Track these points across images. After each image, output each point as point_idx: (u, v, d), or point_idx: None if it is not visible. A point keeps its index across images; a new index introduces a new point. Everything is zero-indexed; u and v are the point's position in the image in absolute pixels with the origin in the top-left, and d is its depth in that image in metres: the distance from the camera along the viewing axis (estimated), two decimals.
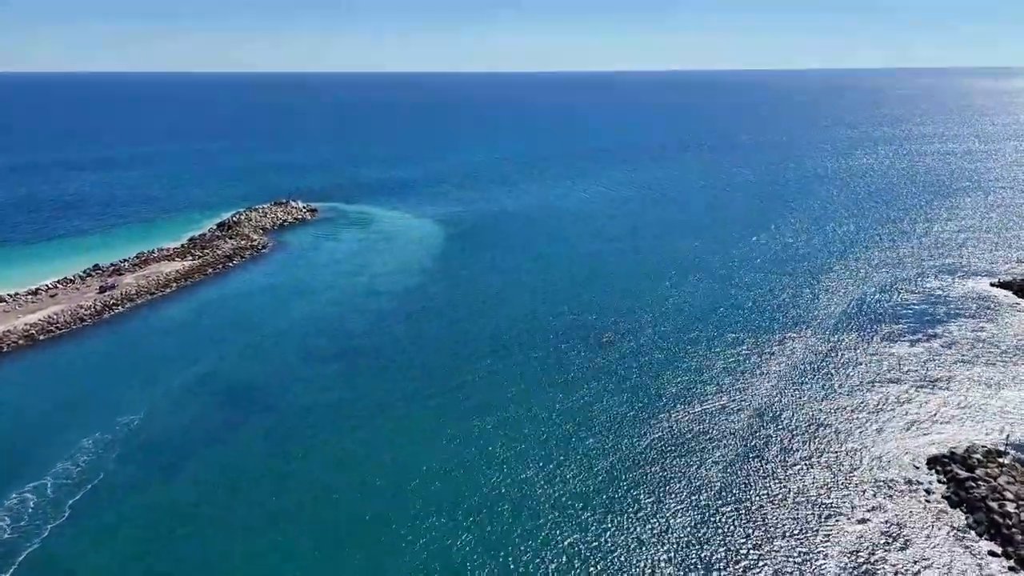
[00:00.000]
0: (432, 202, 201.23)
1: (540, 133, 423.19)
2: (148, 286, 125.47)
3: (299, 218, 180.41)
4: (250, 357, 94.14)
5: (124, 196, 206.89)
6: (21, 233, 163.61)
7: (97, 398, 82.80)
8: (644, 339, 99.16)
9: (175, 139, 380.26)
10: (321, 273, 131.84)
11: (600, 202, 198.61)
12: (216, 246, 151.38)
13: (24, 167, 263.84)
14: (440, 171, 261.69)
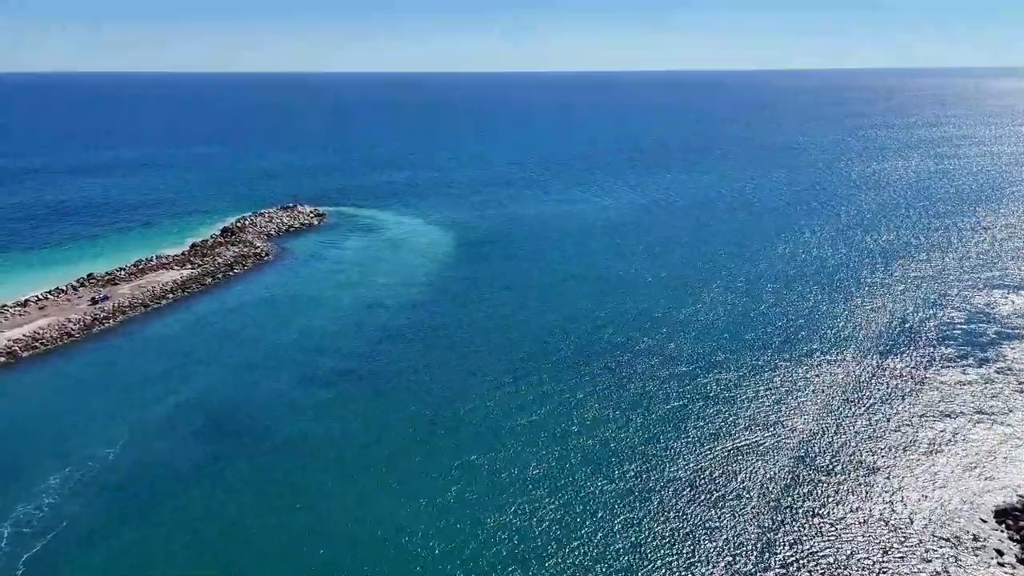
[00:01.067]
0: (442, 207, 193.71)
1: (550, 135, 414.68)
2: (142, 298, 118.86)
3: (306, 223, 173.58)
4: (241, 380, 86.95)
5: (126, 200, 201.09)
6: (19, 240, 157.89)
7: (72, 427, 75.89)
8: (665, 363, 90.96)
9: (181, 141, 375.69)
10: (323, 284, 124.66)
11: (617, 210, 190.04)
12: (217, 254, 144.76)
13: (23, 171, 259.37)
14: (451, 174, 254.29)
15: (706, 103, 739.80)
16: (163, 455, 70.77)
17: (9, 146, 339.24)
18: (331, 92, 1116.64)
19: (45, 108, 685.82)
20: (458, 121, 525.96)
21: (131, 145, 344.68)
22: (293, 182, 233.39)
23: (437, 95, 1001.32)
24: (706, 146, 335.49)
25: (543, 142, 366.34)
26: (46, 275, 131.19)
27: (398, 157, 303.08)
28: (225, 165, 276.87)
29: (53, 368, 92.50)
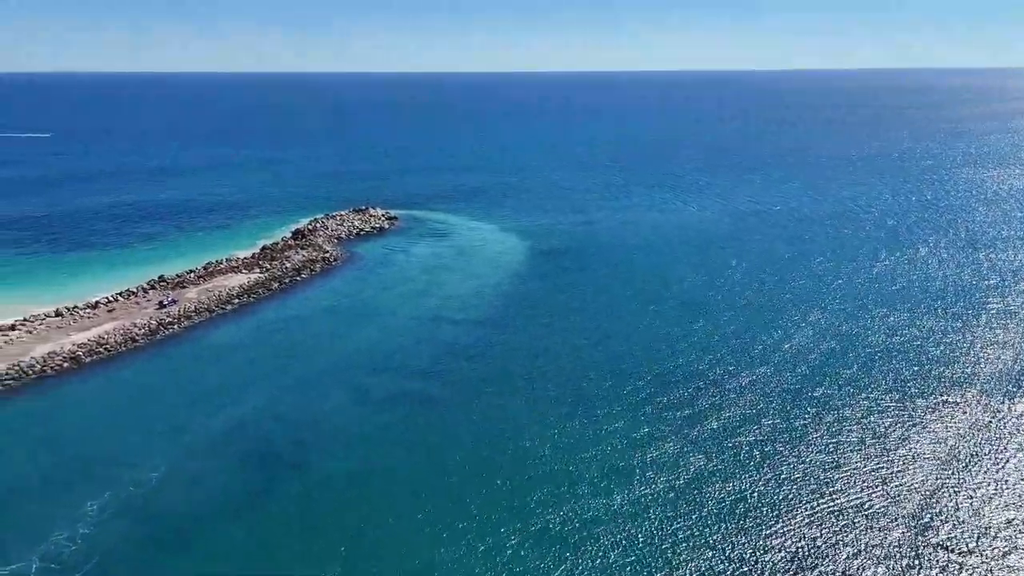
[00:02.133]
0: (516, 213, 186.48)
1: (621, 136, 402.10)
2: (208, 302, 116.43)
3: (377, 227, 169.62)
4: (296, 397, 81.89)
5: (204, 201, 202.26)
6: (101, 238, 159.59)
7: (121, 443, 72.25)
8: (756, 398, 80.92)
9: (256, 141, 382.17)
10: (387, 294, 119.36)
11: (703, 219, 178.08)
12: (286, 257, 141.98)
13: (103, 172, 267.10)
14: (525, 177, 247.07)
15: (763, 104, 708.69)
16: (207, 482, 66.02)
17: (85, 146, 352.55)
18: (398, 92, 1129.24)
19: (112, 108, 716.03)
20: (526, 122, 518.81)
21: (208, 145, 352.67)
22: (367, 184, 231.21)
23: (497, 95, 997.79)
24: (791, 150, 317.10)
25: (616, 143, 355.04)
26: (120, 275, 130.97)
27: (472, 159, 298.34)
28: (298, 166, 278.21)
29: (112, 376, 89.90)
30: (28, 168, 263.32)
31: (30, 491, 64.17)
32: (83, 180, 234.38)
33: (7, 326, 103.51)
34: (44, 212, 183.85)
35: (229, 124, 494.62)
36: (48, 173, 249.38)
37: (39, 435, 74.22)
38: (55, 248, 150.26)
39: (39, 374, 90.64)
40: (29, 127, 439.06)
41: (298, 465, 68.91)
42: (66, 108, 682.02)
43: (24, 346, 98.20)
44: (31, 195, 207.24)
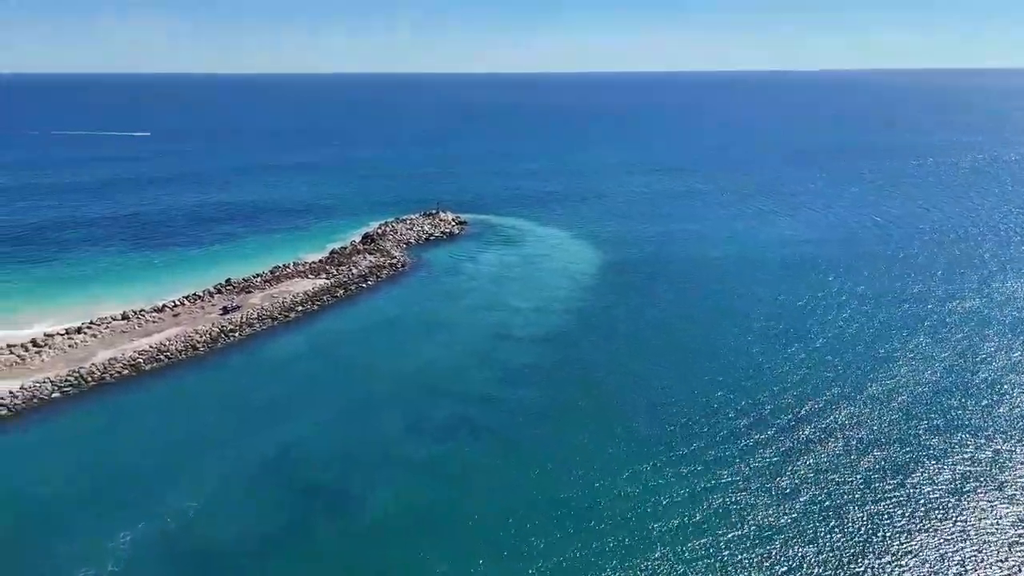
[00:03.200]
0: (591, 220, 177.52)
1: (700, 138, 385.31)
2: (272, 309, 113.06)
3: (446, 232, 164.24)
4: (347, 422, 76.28)
5: (283, 202, 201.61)
6: (179, 238, 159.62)
7: (163, 465, 68.20)
8: (855, 443, 70.37)
9: (330, 141, 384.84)
10: (452, 305, 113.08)
11: (806, 236, 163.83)
12: (354, 263, 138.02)
13: (197, 171, 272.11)
14: (601, 182, 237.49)
15: (846, 103, 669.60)
16: (247, 515, 60.92)
17: (182, 145, 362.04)
18: (478, 93, 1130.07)
19: (209, 109, 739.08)
20: (601, 124, 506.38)
21: (292, 146, 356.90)
22: (438, 186, 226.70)
23: (569, 96, 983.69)
24: (895, 151, 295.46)
25: (696, 146, 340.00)
26: (191, 276, 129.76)
27: (549, 161, 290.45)
28: (376, 167, 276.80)
29: (168, 386, 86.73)
30: (124, 166, 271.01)
31: (64, 517, 60.48)
32: (174, 179, 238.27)
33: (74, 328, 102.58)
34: (132, 211, 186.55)
35: (320, 125, 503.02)
36: (143, 172, 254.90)
37: (85, 451, 71.05)
38: (136, 247, 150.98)
39: (98, 381, 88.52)
40: (129, 126, 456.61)
41: (344, 499, 63.10)
42: (167, 108, 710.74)
43: (88, 350, 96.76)
44: (123, 193, 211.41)
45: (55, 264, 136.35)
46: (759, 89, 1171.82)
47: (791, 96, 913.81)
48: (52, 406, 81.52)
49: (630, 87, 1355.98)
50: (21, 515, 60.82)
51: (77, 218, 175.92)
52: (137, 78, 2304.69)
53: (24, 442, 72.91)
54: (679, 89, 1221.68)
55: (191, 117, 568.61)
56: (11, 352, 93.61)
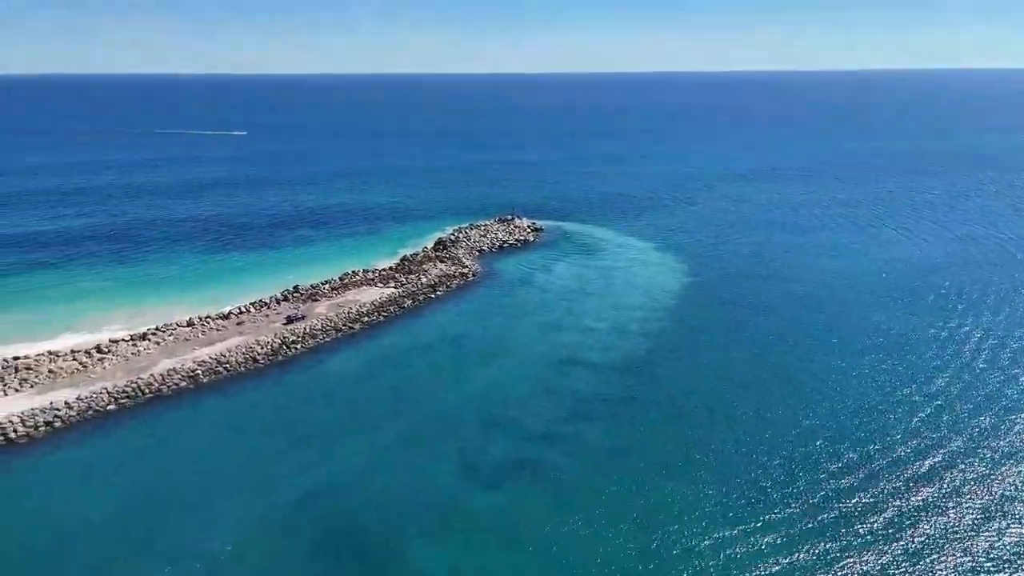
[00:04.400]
0: (677, 229, 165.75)
1: (791, 141, 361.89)
2: (336, 320, 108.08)
3: (521, 239, 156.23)
4: (395, 457, 69.24)
5: (362, 204, 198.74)
6: (255, 240, 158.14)
7: (199, 499, 62.97)
8: (1000, 518, 57.94)
9: (412, 142, 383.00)
10: (520, 322, 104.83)
11: (918, 253, 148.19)
12: (424, 271, 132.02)
13: (284, 172, 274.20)
14: (694, 187, 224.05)
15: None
16: (279, 566, 54.61)
17: (276, 145, 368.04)
18: (556, 93, 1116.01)
19: (303, 108, 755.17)
20: (678, 125, 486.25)
21: (379, 148, 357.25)
22: (515, 190, 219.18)
23: (653, 96, 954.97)
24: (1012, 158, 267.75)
25: (781, 148, 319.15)
26: (260, 280, 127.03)
27: (629, 165, 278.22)
28: (458, 170, 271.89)
29: (220, 405, 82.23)
30: (217, 166, 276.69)
31: (87, 557, 55.79)
32: (261, 180, 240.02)
33: (139, 335, 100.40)
34: (216, 211, 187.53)
35: (410, 126, 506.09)
36: (232, 172, 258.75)
37: (125, 475, 66.80)
38: (214, 248, 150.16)
39: (155, 393, 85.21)
40: (227, 125, 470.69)
41: (382, 553, 55.93)
42: (261, 107, 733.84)
43: (150, 358, 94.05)
44: (211, 192, 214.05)
45: (135, 264, 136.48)
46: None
47: (864, 96, 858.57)
48: (105, 419, 78.39)
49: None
50: (43, 548, 56.66)
51: (164, 217, 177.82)
52: (220, 79, 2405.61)
53: (67, 460, 69.48)
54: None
55: (286, 116, 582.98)
56: (75, 358, 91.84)
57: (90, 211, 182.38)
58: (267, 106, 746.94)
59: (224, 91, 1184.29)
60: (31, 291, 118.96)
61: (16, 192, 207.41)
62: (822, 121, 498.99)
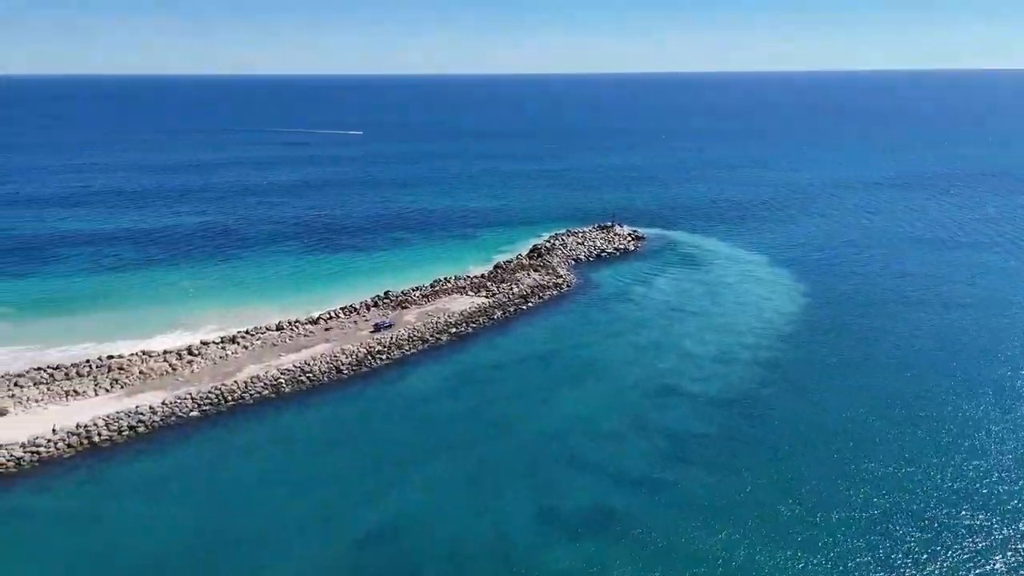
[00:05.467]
0: (794, 241, 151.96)
1: (889, 146, 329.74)
2: (423, 330, 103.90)
3: (620, 248, 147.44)
4: (465, 494, 63.12)
5: (460, 207, 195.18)
6: (354, 241, 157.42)
7: (260, 529, 59.31)
8: None
9: (515, 143, 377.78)
10: (614, 343, 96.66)
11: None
12: (517, 280, 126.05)
13: (392, 173, 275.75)
14: (814, 193, 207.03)
15: None
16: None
17: (390, 145, 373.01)
18: (664, 93, 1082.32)
19: (415, 108, 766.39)
20: (800, 126, 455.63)
21: (492, 153, 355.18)
22: (618, 193, 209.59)
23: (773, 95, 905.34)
24: None
25: (917, 155, 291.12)
26: (353, 284, 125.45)
27: (744, 171, 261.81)
28: (559, 173, 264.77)
29: (299, 416, 79.31)
30: (327, 166, 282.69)
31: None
32: (368, 181, 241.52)
33: (229, 338, 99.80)
34: (319, 212, 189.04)
35: (510, 127, 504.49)
36: (344, 172, 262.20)
37: (194, 492, 64.31)
38: (310, 249, 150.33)
39: (237, 401, 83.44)
40: (343, 125, 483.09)
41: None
42: (374, 106, 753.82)
43: (236, 363, 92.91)
44: (316, 192, 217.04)
45: (236, 264, 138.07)
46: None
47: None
48: (186, 426, 77.03)
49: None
50: (96, 569, 54.43)
51: (271, 216, 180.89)
52: (337, 80, 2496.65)
53: (142, 472, 67.91)
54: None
55: (398, 116, 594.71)
56: (165, 359, 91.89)
57: (203, 209, 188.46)
58: (382, 106, 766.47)
59: (335, 91, 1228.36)
60: (137, 287, 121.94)
61: (141, 190, 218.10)
62: (947, 124, 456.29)
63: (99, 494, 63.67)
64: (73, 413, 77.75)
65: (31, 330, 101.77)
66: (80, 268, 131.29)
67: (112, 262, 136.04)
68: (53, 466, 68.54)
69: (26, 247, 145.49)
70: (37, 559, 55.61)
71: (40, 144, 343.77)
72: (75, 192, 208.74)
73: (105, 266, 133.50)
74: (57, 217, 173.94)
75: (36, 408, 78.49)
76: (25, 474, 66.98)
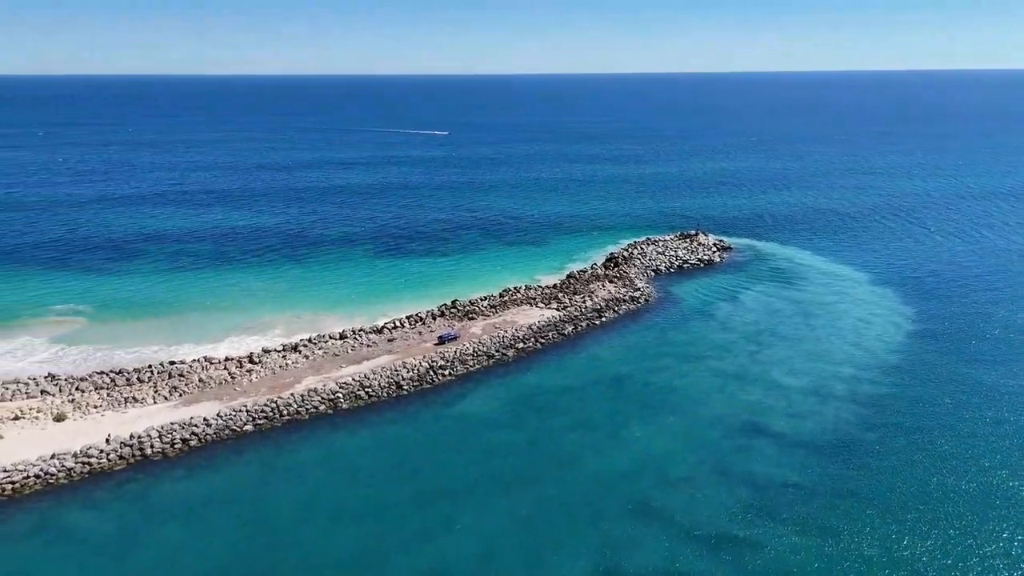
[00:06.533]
0: (899, 258, 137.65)
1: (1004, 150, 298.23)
2: (488, 345, 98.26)
3: (704, 259, 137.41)
4: (519, 544, 56.51)
5: (532, 211, 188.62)
6: (426, 245, 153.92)
7: (297, 571, 54.86)
8: None
9: (593, 143, 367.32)
10: (694, 368, 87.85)
11: None
12: (591, 291, 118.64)
13: (471, 175, 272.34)
14: (917, 205, 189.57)
15: None
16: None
17: (474, 146, 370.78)
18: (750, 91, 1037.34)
19: (495, 107, 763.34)
20: (910, 129, 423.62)
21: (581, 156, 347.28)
22: (703, 198, 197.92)
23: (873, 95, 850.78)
24: None
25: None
26: (420, 290, 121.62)
27: (842, 176, 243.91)
28: (640, 177, 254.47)
29: (352, 439, 74.90)
30: (408, 167, 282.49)
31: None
32: (446, 182, 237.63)
33: (291, 346, 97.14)
34: (394, 213, 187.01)
35: (594, 128, 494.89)
36: (425, 172, 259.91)
37: (238, 518, 60.64)
38: (382, 252, 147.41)
39: (292, 416, 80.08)
40: (429, 125, 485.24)
41: None
42: (457, 107, 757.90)
43: (295, 373, 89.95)
44: (393, 195, 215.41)
45: (308, 265, 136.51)
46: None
47: None
48: (238, 441, 74.14)
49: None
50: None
51: (347, 216, 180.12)
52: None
53: (188, 491, 65.05)
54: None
55: (483, 116, 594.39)
56: (225, 367, 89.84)
57: (283, 208, 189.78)
58: (466, 106, 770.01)
59: (427, 90, 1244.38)
60: (210, 289, 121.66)
61: (228, 188, 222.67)
62: None
63: (140, 516, 60.94)
64: (129, 422, 76.24)
65: (105, 331, 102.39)
66: (159, 267, 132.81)
67: (190, 261, 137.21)
68: (102, 479, 66.66)
69: (113, 244, 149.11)
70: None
71: (148, 142, 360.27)
72: (168, 190, 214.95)
73: (183, 266, 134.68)
74: (147, 215, 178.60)
75: (94, 414, 77.52)
76: (74, 486, 65.31)
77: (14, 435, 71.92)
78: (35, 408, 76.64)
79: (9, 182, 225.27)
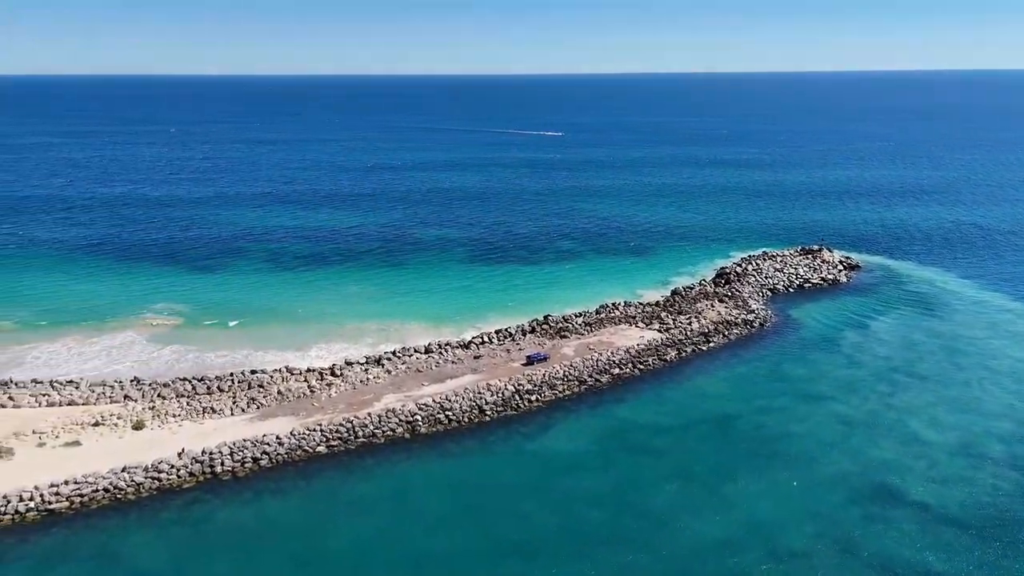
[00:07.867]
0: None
1: None
2: (580, 369, 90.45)
3: (829, 278, 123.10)
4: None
5: (639, 217, 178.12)
6: (526, 252, 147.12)
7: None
8: None
9: (713, 144, 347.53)
10: (814, 411, 76.27)
11: None
12: (697, 312, 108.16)
13: (584, 181, 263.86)
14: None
15: None
16: None
17: (589, 149, 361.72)
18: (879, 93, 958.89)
19: (610, 109, 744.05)
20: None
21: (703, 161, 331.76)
22: (830, 212, 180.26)
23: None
24: None
25: None
26: (513, 301, 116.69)
27: (989, 188, 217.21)
28: (755, 186, 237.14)
29: (424, 471, 69.46)
30: (513, 169, 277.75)
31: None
32: (551, 187, 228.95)
33: (374, 359, 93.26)
34: (496, 216, 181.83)
35: (723, 129, 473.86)
36: (532, 177, 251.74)
37: (279, 561, 56.20)
38: (477, 258, 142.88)
39: (367, 438, 75.69)
40: (542, 126, 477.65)
41: None
42: (570, 108, 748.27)
43: (375, 390, 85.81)
44: (497, 199, 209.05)
45: (402, 271, 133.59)
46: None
47: None
48: (309, 464, 70.46)
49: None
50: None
51: (448, 219, 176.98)
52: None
53: (251, 517, 61.58)
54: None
55: (594, 117, 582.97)
56: (306, 379, 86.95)
57: (386, 209, 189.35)
58: (578, 107, 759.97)
59: (555, 90, 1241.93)
60: (304, 291, 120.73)
61: (336, 190, 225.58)
62: None
63: (196, 543, 57.96)
64: (205, 434, 74.20)
65: (198, 333, 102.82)
66: (258, 268, 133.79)
67: (289, 263, 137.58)
68: (170, 497, 64.46)
69: (220, 242, 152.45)
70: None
71: (278, 140, 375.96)
72: (277, 190, 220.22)
73: (282, 266, 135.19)
74: (258, 213, 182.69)
75: (172, 423, 76.14)
76: (141, 503, 63.42)
77: (92, 442, 71.41)
78: (116, 414, 76.19)
79: (137, 178, 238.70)
